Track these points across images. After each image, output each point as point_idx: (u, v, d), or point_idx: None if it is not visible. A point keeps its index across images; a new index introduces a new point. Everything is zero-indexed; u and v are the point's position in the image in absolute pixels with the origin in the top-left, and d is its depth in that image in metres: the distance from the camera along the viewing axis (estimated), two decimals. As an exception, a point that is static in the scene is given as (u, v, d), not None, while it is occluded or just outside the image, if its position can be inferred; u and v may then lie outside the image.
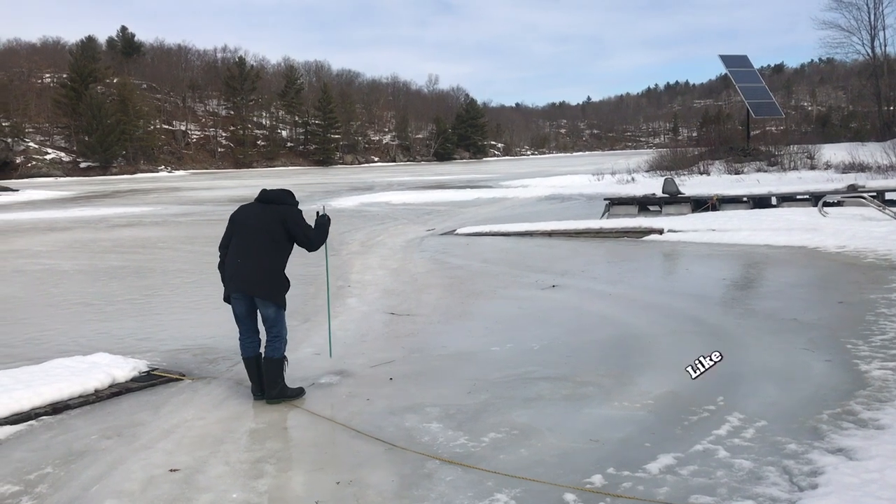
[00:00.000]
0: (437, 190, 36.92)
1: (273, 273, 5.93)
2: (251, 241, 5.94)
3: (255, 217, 6.01)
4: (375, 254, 14.97)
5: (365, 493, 4.28)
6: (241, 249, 5.95)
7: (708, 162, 33.52)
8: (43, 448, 5.12)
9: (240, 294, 5.96)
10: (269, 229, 5.94)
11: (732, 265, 12.13)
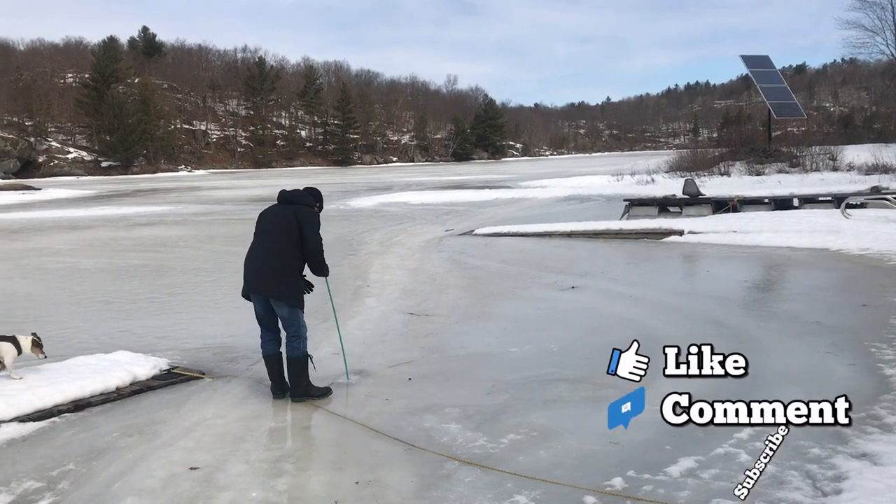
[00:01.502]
0: (456, 190, 36.92)
1: (285, 273, 5.91)
2: (266, 241, 5.99)
3: (271, 217, 6.07)
4: (394, 254, 14.99)
5: (384, 493, 4.28)
6: (255, 250, 6.03)
7: (729, 163, 33.24)
8: (65, 445, 5.16)
9: (256, 294, 5.99)
10: (284, 229, 5.95)
11: (754, 267, 12.03)
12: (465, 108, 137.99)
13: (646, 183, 31.81)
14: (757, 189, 23.17)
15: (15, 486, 4.50)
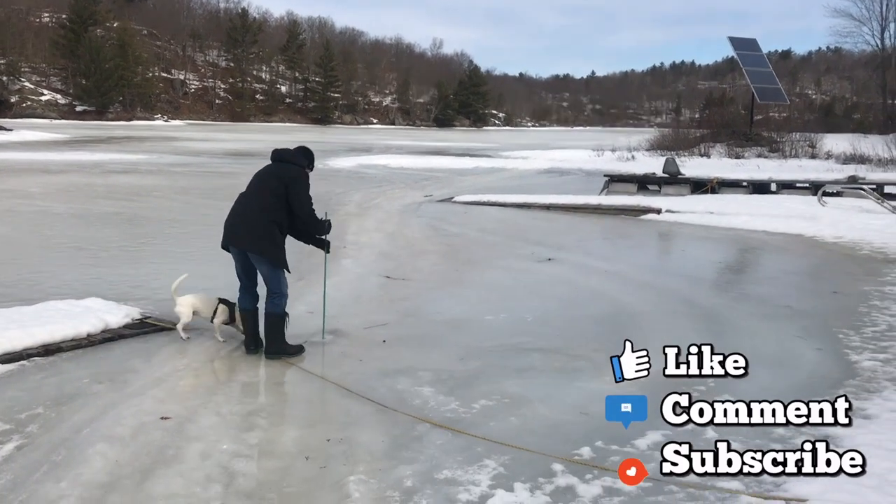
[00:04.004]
0: (436, 156, 36.77)
1: (263, 229, 5.83)
2: (250, 197, 5.95)
3: (260, 176, 6.02)
4: (372, 216, 14.94)
5: (355, 451, 4.30)
6: (239, 205, 5.99)
7: (709, 144, 33.41)
8: (34, 389, 5.12)
9: (235, 249, 5.94)
10: (270, 187, 5.89)
11: (729, 249, 12.16)
12: (450, 73, 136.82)
13: (626, 160, 31.90)
14: (736, 172, 23.33)
15: (-18, 428, 4.46)
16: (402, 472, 4.05)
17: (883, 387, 5.46)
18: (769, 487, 3.91)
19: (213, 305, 6.38)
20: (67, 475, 3.89)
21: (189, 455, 4.21)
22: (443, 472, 4.05)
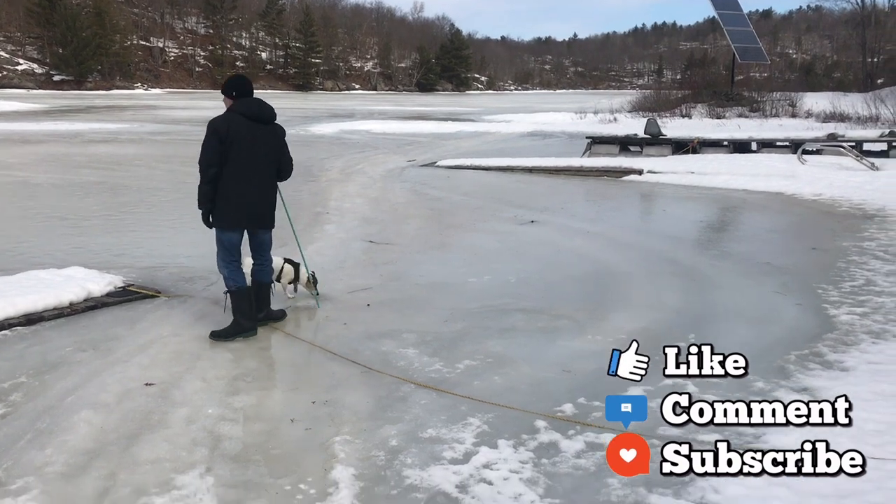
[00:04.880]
0: (419, 121, 36.54)
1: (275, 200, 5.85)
2: (262, 170, 5.58)
3: (263, 141, 5.55)
4: (355, 182, 14.87)
5: (340, 412, 4.34)
6: (253, 181, 5.54)
7: (690, 105, 33.38)
8: (17, 357, 5.11)
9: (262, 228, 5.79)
10: (276, 156, 5.67)
11: (710, 208, 12.22)
12: (431, 37, 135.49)
13: (608, 121, 31.84)
14: (717, 132, 23.36)
15: (-34, 397, 4.45)
16: (387, 431, 4.10)
17: (860, 339, 5.54)
18: (749, 440, 3.98)
19: (278, 265, 6.44)
20: (52, 442, 3.90)
21: (174, 420, 4.24)
22: (427, 431, 4.10)
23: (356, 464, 3.73)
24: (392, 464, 3.75)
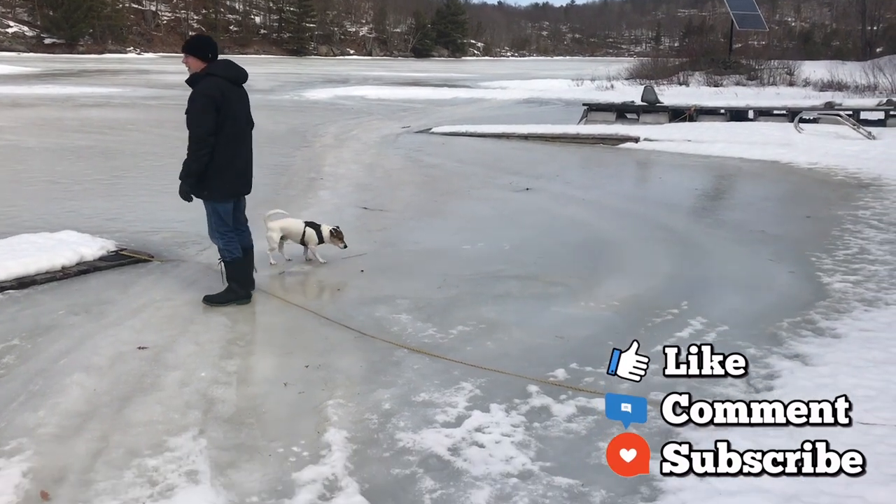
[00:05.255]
0: (414, 87, 36.29)
1: None
2: (248, 135, 5.55)
3: (243, 105, 5.47)
4: (349, 148, 14.79)
5: (333, 377, 4.35)
6: (243, 147, 5.49)
7: (688, 73, 33.21)
8: (10, 321, 5.10)
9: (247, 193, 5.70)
10: (250, 119, 5.61)
11: (705, 176, 12.20)
12: (427, 2, 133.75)
13: (605, 89, 31.69)
14: (714, 100, 23.28)
15: (-42, 359, 4.45)
16: (380, 395, 4.11)
17: (853, 307, 5.56)
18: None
19: (300, 230, 6.57)
20: (45, 404, 3.91)
21: (167, 383, 4.24)
22: (420, 395, 4.11)
23: (349, 427, 3.75)
24: (385, 427, 3.76)
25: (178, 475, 3.31)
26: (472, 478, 3.32)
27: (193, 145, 5.24)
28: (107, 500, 3.12)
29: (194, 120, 5.23)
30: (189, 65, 5.33)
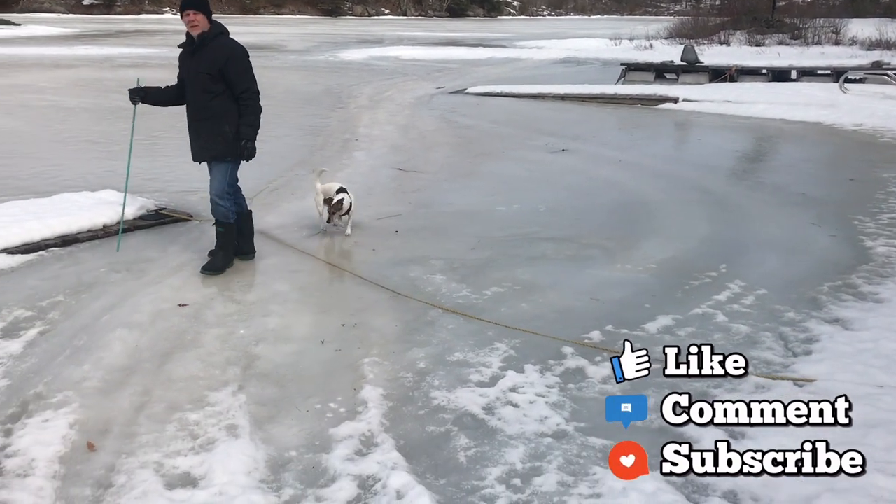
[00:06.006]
0: (449, 47, 35.91)
1: None
2: None
3: None
4: (383, 109, 14.74)
5: (368, 335, 4.39)
6: None
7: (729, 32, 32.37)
8: (54, 278, 5.22)
9: None
10: None
11: (745, 137, 11.96)
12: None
13: (644, 48, 31.05)
14: (756, 59, 22.70)
15: (6, 314, 4.57)
16: (414, 354, 4.15)
17: (896, 272, 5.46)
18: (777, 369, 3.98)
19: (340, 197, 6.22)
20: (89, 359, 4.01)
21: (207, 340, 4.32)
22: (455, 355, 4.14)
23: (384, 384, 3.79)
24: (420, 385, 3.80)
25: (219, 429, 3.38)
26: (506, 437, 3.35)
27: (255, 102, 5.37)
28: (150, 452, 3.21)
29: (251, 77, 5.35)
30: (197, 22, 5.23)
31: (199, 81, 5.25)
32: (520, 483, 3.03)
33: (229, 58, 5.21)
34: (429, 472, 3.10)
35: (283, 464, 3.16)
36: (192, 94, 5.36)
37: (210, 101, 5.26)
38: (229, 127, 5.29)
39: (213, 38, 5.25)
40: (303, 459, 3.19)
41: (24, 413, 3.47)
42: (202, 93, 5.26)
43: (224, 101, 5.27)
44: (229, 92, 5.27)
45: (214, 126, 5.29)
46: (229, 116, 5.29)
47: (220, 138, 5.30)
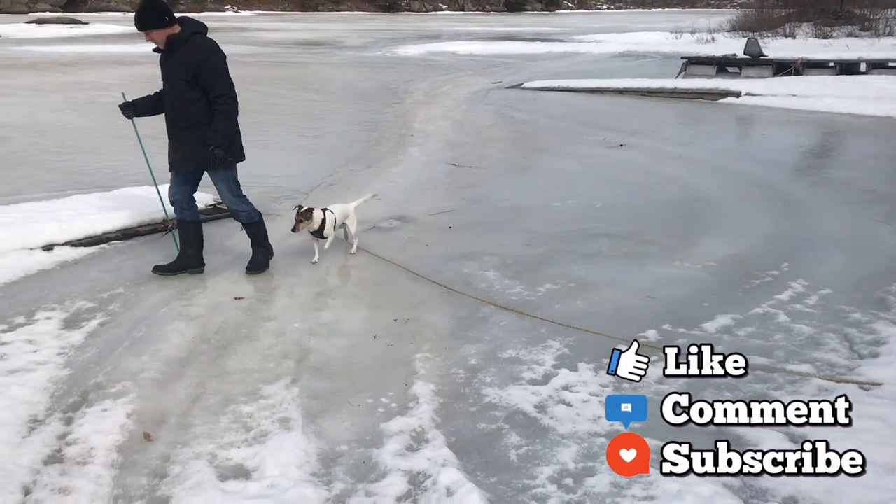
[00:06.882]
0: (506, 42, 35.77)
1: None
2: None
3: None
4: (439, 104, 14.74)
5: (421, 330, 4.38)
6: None
7: (795, 24, 31.44)
8: (115, 270, 5.34)
9: None
10: None
11: (811, 132, 11.61)
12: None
13: (705, 42, 30.39)
14: (823, 52, 21.99)
15: (69, 305, 4.69)
16: (466, 350, 4.12)
17: (970, 272, 5.22)
18: (842, 371, 3.85)
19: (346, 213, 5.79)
20: (147, 350, 4.08)
21: (262, 333, 4.36)
22: (507, 352, 4.10)
23: (436, 380, 3.77)
24: (471, 382, 3.78)
25: (272, 422, 3.41)
26: (558, 436, 3.30)
27: (230, 107, 5.07)
28: (204, 443, 3.25)
29: (226, 81, 5.01)
30: (154, 38, 4.97)
31: (176, 88, 4.99)
32: (572, 483, 2.98)
33: (203, 60, 4.90)
34: (479, 470, 3.08)
35: (335, 458, 3.17)
36: (170, 101, 5.09)
37: (190, 108, 4.99)
38: None
39: (187, 40, 4.95)
40: (354, 454, 3.19)
41: (85, 402, 3.56)
42: (181, 100, 5.00)
43: (203, 107, 5.00)
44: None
45: (197, 134, 5.01)
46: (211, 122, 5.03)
47: (203, 147, 5.02)
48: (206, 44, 5.00)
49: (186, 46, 4.92)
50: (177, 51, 4.94)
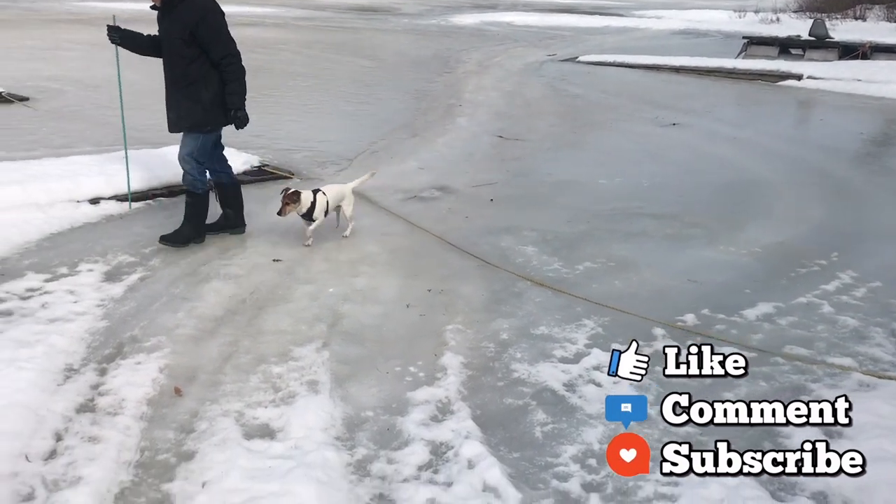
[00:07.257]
0: (564, 14, 35.16)
1: None
2: None
3: None
4: (491, 75, 14.58)
5: (454, 302, 4.36)
6: None
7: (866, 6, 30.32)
8: (159, 226, 5.41)
9: None
10: None
11: (874, 119, 11.21)
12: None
13: (770, 22, 29.50)
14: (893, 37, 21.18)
15: (111, 258, 4.78)
16: (499, 325, 4.09)
17: None
18: (885, 367, 3.73)
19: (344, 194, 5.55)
20: (184, 307, 4.14)
21: (298, 296, 4.39)
22: (539, 328, 4.06)
23: (466, 352, 3.76)
24: (501, 356, 3.75)
25: (300, 384, 3.43)
26: (585, 415, 3.26)
27: (237, 66, 4.98)
28: (232, 400, 3.28)
29: (227, 38, 4.92)
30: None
31: (173, 46, 4.87)
32: (595, 464, 2.96)
33: (201, 19, 4.79)
34: (502, 445, 3.06)
35: (359, 423, 3.18)
36: (167, 60, 4.97)
37: (187, 67, 4.87)
38: (207, 93, 4.93)
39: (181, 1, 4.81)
40: (378, 420, 3.20)
41: (119, 354, 3.62)
42: (178, 58, 4.88)
43: (201, 65, 4.88)
44: (206, 55, 4.87)
45: (193, 93, 4.92)
46: (208, 81, 4.92)
47: (199, 106, 4.94)
48: (203, 2, 4.86)
49: (184, 4, 4.81)
50: (174, 9, 4.84)
